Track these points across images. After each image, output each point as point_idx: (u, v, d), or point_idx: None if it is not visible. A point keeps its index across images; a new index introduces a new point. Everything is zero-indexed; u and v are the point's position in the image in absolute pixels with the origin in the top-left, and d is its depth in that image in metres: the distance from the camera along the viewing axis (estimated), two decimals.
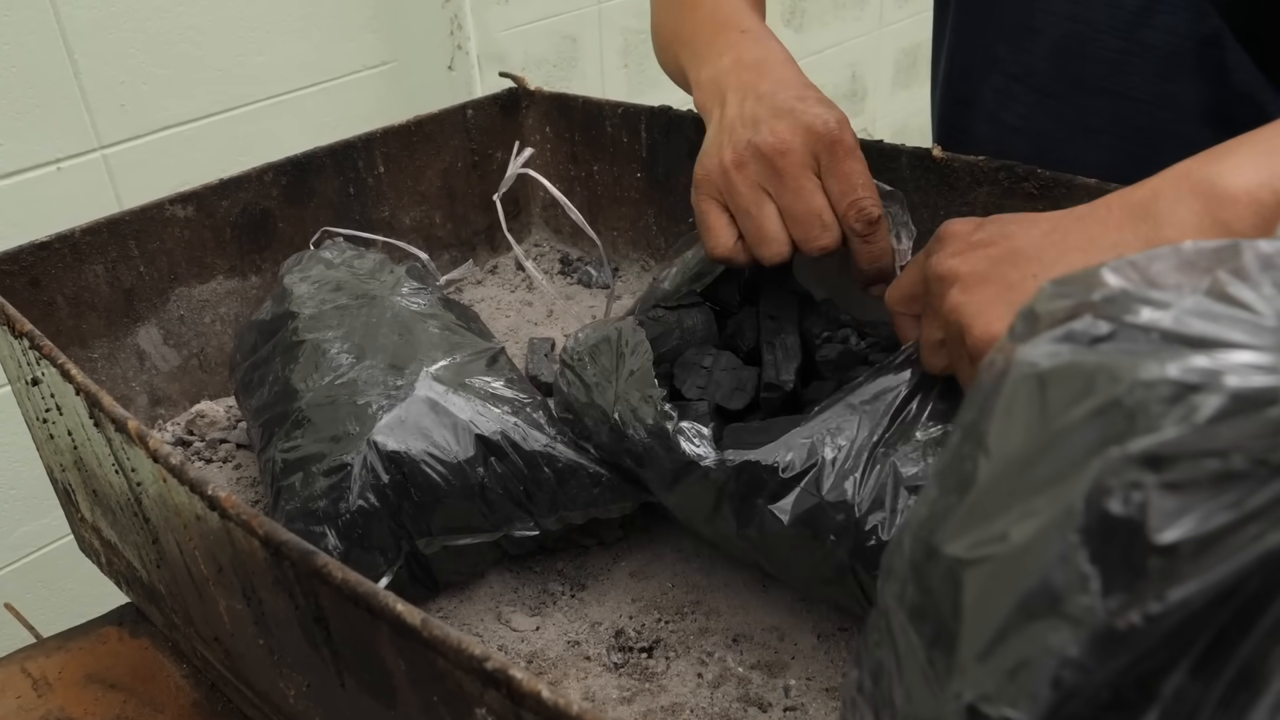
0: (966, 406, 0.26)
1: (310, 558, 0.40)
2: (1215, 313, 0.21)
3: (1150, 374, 0.20)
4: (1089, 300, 0.23)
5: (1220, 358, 0.20)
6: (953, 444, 0.26)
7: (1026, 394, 0.23)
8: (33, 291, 0.72)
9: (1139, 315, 0.22)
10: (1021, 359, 0.23)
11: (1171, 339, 0.21)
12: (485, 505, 0.61)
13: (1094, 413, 0.21)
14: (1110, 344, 0.22)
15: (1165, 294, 0.22)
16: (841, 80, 2.26)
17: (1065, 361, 0.22)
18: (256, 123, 1.31)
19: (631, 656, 0.61)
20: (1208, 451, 0.19)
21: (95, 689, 0.67)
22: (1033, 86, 0.77)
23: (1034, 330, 0.24)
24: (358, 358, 0.63)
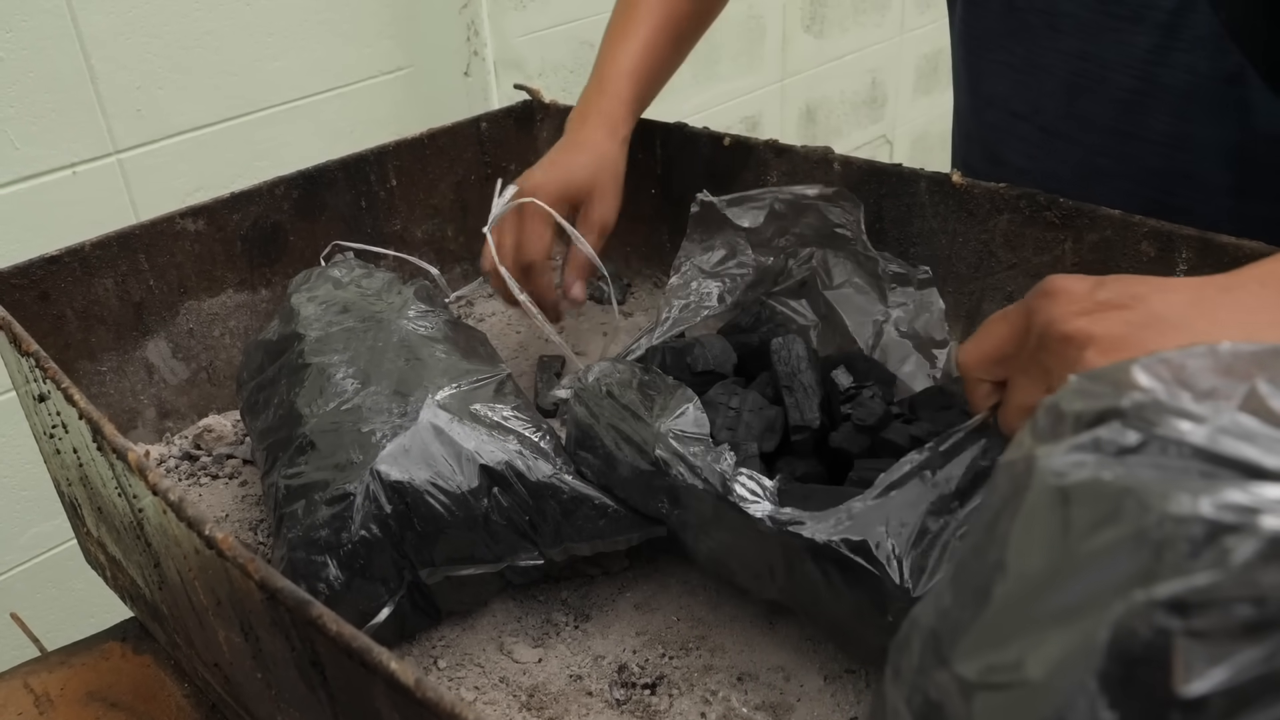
0: (985, 506, 0.25)
1: (305, 607, 0.39)
2: (1252, 432, 0.20)
3: (1181, 509, 0.19)
4: (1118, 405, 0.22)
5: (1257, 491, 0.19)
6: (970, 544, 0.25)
7: (1048, 508, 0.22)
8: (42, 305, 0.72)
9: (1171, 429, 0.21)
10: (1045, 467, 0.22)
11: (1204, 458, 0.20)
12: (489, 536, 0.60)
13: (1119, 542, 0.20)
14: (1139, 457, 0.21)
15: (1200, 406, 0.21)
16: (861, 87, 2.24)
17: (1090, 477, 0.21)
18: (272, 128, 1.30)
19: (634, 693, 0.60)
20: (1241, 598, 0.18)
21: (97, 707, 0.66)
22: (1039, 126, 0.76)
23: (1058, 431, 0.23)
24: (363, 383, 0.63)
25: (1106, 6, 0.69)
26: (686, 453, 0.57)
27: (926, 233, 0.76)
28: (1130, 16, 0.69)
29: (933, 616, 0.25)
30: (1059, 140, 0.75)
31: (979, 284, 0.75)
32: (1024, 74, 0.75)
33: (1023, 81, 0.76)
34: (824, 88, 2.14)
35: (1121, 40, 0.69)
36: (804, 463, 0.61)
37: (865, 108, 2.28)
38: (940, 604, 0.25)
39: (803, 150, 0.82)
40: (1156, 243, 0.65)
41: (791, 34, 2.02)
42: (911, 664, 0.25)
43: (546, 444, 0.62)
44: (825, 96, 2.16)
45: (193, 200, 1.23)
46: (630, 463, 0.60)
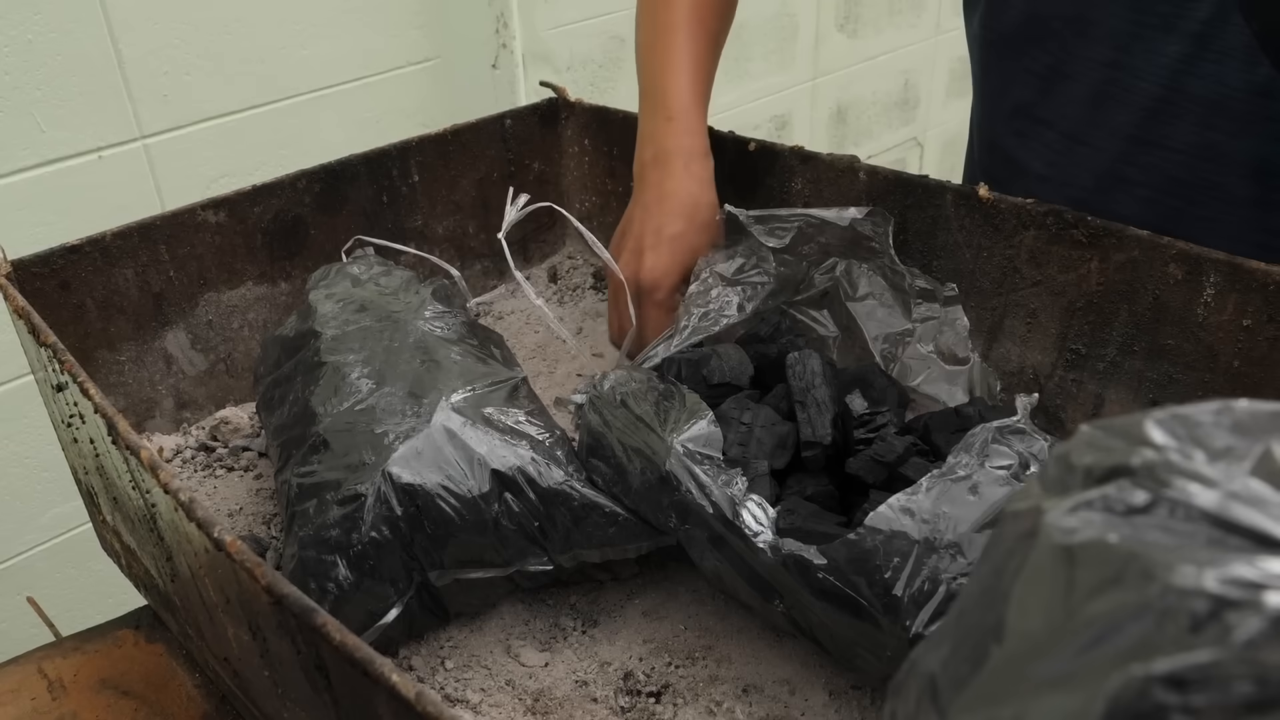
0: (989, 553, 0.25)
1: (310, 615, 0.39)
2: (1264, 499, 0.19)
3: (1185, 581, 0.18)
4: (1128, 463, 0.21)
5: (1264, 566, 0.18)
6: (972, 593, 0.25)
7: (1051, 567, 0.21)
8: (62, 294, 0.73)
9: (1181, 491, 0.20)
10: (1051, 523, 0.22)
11: (1213, 523, 0.19)
12: (499, 540, 0.60)
13: (1120, 610, 0.19)
14: (1147, 518, 0.20)
15: (1212, 467, 0.20)
16: (894, 88, 2.22)
17: (1095, 538, 0.21)
18: (298, 116, 1.31)
19: (639, 701, 0.60)
20: (1241, 676, 0.17)
21: (108, 695, 0.67)
22: (1062, 133, 0.75)
23: (1067, 483, 0.22)
24: (378, 384, 0.63)
25: (1137, 15, 0.68)
26: (697, 470, 0.57)
27: (950, 246, 0.76)
28: (1160, 25, 0.68)
29: (932, 663, 0.25)
30: (1082, 147, 0.74)
31: (1002, 300, 0.74)
32: (1048, 81, 0.74)
33: (1046, 88, 0.75)
34: (856, 88, 2.13)
35: (1150, 49, 0.68)
36: (815, 481, 0.60)
37: (897, 109, 2.26)
38: (940, 652, 0.25)
39: (828, 158, 0.81)
40: (1184, 265, 0.64)
41: (825, 33, 2.00)
42: (909, 711, 0.25)
43: (559, 450, 0.62)
44: (857, 97, 2.14)
45: (218, 186, 1.24)
46: (640, 474, 0.60)
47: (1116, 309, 0.68)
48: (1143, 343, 0.68)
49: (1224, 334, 0.64)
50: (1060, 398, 0.73)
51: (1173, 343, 0.66)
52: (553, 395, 0.86)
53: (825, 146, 2.14)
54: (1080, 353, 0.71)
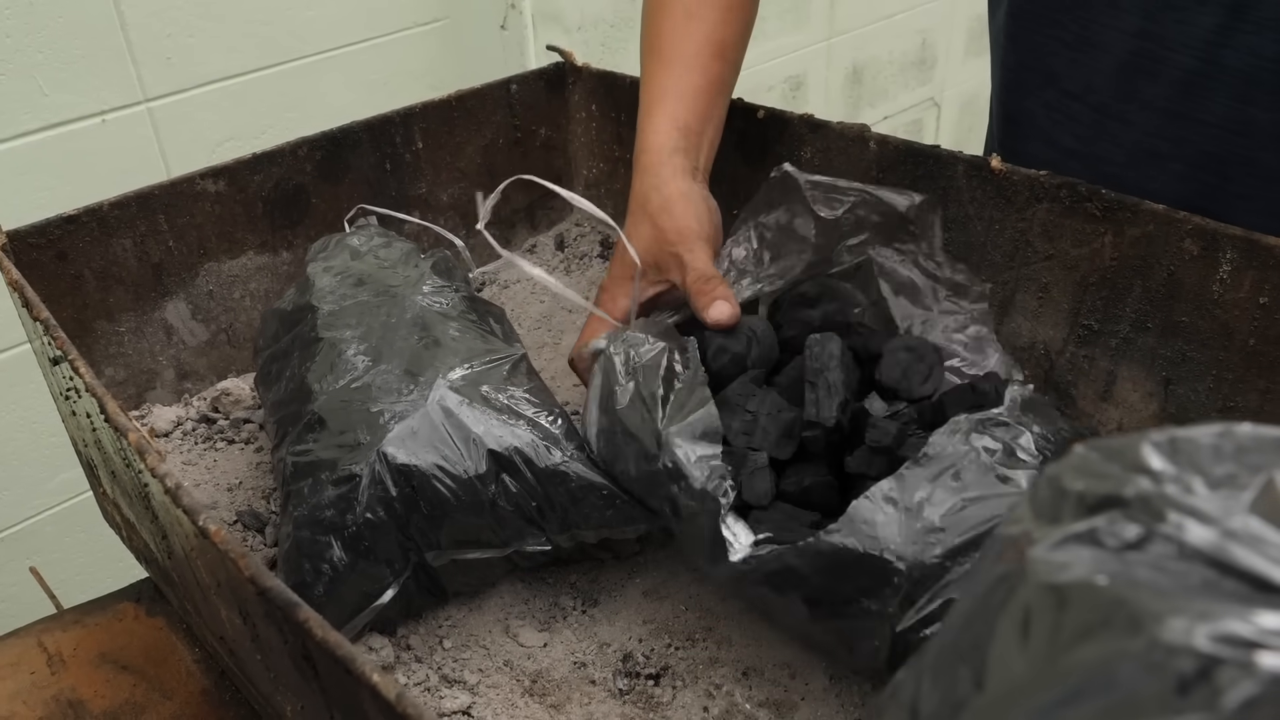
0: (976, 579, 0.23)
1: (294, 610, 0.39)
2: (1263, 539, 0.18)
3: (1174, 636, 0.17)
4: (1121, 493, 0.20)
5: (1260, 620, 0.17)
6: (955, 621, 0.24)
7: (1036, 607, 0.20)
8: (60, 265, 0.72)
9: (1176, 528, 0.19)
10: (1038, 558, 0.20)
11: (1210, 563, 0.18)
12: (496, 521, 0.59)
13: (1103, 663, 0.18)
14: (1139, 554, 0.19)
15: (1210, 500, 0.19)
16: (911, 47, 2.18)
17: (1083, 579, 0.19)
18: (304, 78, 1.29)
19: (638, 683, 0.60)
20: None
21: (107, 670, 0.67)
22: (1092, 106, 0.72)
23: (1058, 509, 0.21)
24: (374, 360, 0.62)
25: None
26: (687, 469, 0.56)
27: (961, 218, 0.74)
28: None
29: (914, 691, 0.24)
30: (1112, 121, 0.72)
31: (1013, 274, 0.73)
32: (1078, 51, 0.72)
33: (1076, 59, 0.72)
34: (872, 47, 2.08)
35: (1184, 19, 0.66)
36: (814, 470, 0.59)
37: (914, 69, 2.22)
38: (923, 683, 0.24)
39: (838, 126, 0.79)
40: (1200, 241, 0.62)
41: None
42: None
43: (557, 429, 0.61)
44: (873, 56, 2.10)
45: (223, 150, 1.23)
46: (635, 458, 0.59)
47: (1130, 285, 0.67)
48: (1157, 319, 0.66)
49: (1240, 311, 0.62)
50: (1072, 374, 0.72)
51: (1187, 320, 0.65)
52: (558, 366, 0.85)
53: (841, 107, 2.11)
54: (1093, 329, 0.69)
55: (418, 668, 0.61)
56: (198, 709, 0.65)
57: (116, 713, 0.64)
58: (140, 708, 0.65)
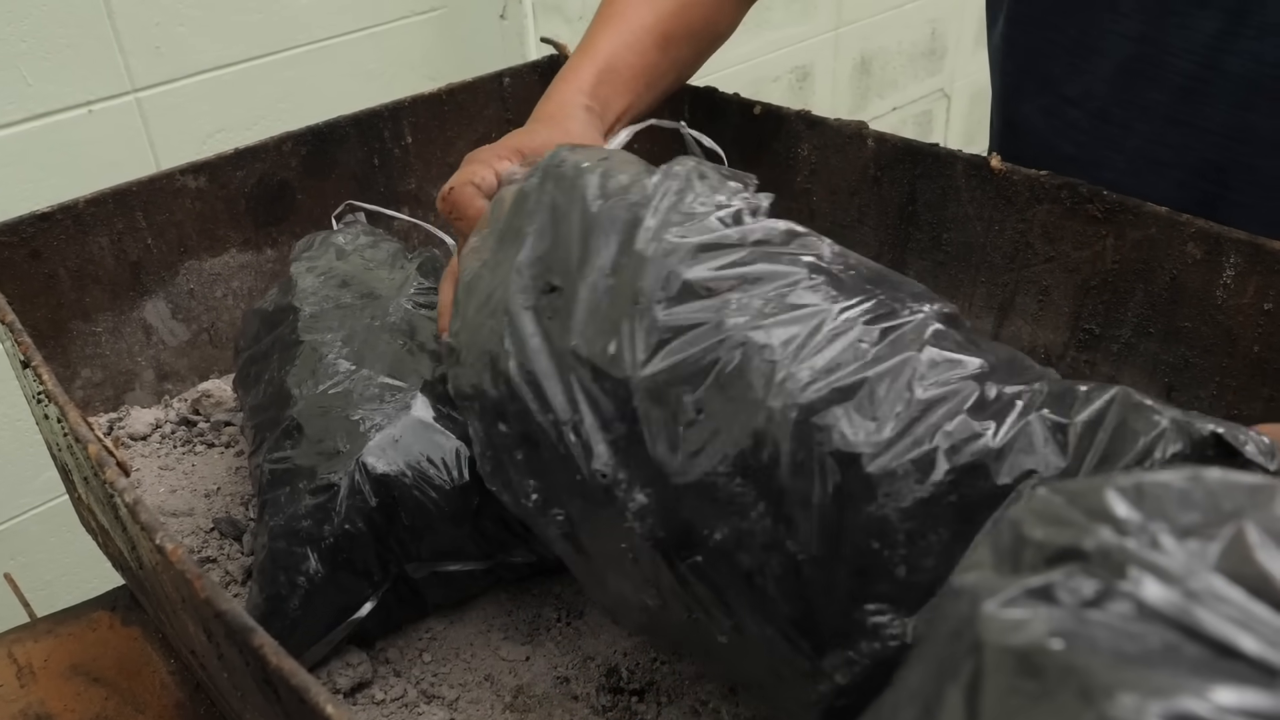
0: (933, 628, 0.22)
1: (249, 635, 0.37)
2: (1227, 600, 0.16)
3: (1123, 714, 0.16)
4: (1081, 546, 0.18)
5: (1216, 697, 0.15)
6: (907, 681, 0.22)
7: (987, 670, 0.18)
8: (33, 263, 0.70)
9: (1137, 586, 0.17)
10: (989, 616, 0.19)
11: (1171, 625, 0.16)
12: (478, 533, 0.58)
13: None
14: (1097, 613, 0.17)
15: (1174, 556, 0.17)
16: (920, 37, 2.15)
17: (1033, 642, 0.18)
18: (297, 69, 1.27)
19: (621, 699, 0.58)
20: None
21: (79, 682, 0.65)
22: (1091, 112, 0.70)
23: (1018, 558, 0.19)
24: (356, 365, 0.60)
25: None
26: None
27: (961, 218, 0.72)
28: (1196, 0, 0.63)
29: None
30: (1112, 127, 0.70)
31: (1013, 276, 0.71)
32: (1077, 56, 0.70)
33: (1075, 64, 0.70)
34: (881, 37, 2.06)
35: (1185, 24, 0.64)
36: None
37: (923, 59, 2.19)
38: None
39: (835, 123, 0.77)
40: (1203, 244, 0.60)
41: None
42: None
43: None
44: (881, 47, 2.07)
45: (213, 142, 1.21)
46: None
47: (1132, 288, 0.65)
48: (1159, 324, 0.64)
49: (1244, 317, 0.61)
50: (1073, 379, 0.69)
51: (1190, 325, 0.63)
52: None
53: (848, 99, 2.08)
54: (1094, 333, 0.67)
55: (396, 682, 0.59)
56: None
57: None
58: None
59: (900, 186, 0.74)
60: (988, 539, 0.21)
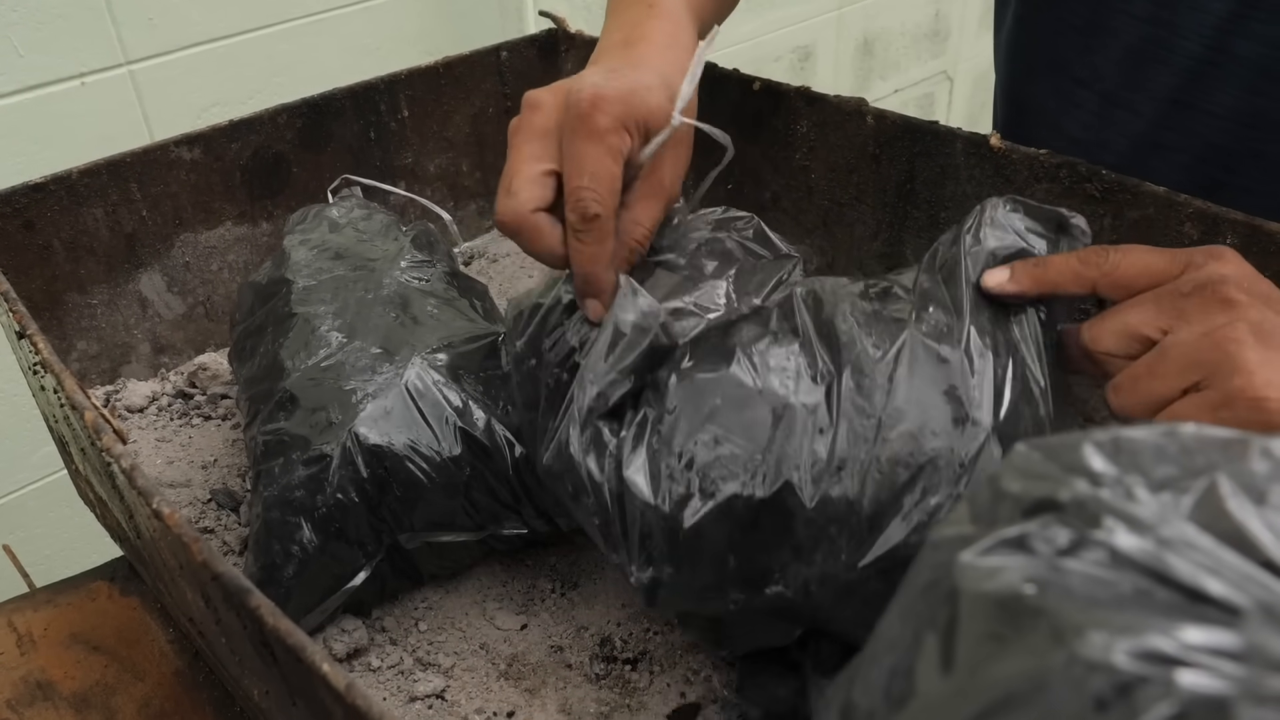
0: (911, 581, 0.22)
1: (246, 597, 0.37)
2: (1198, 547, 0.17)
3: (1093, 652, 0.16)
4: (1056, 497, 0.19)
5: (1183, 636, 0.16)
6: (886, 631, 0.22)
7: (962, 617, 0.19)
8: (27, 235, 0.70)
9: (1110, 535, 0.18)
10: (966, 564, 0.19)
11: (1142, 571, 0.17)
12: (470, 504, 0.58)
13: (1022, 678, 0.17)
14: (1071, 561, 0.18)
15: (1147, 506, 0.18)
16: (924, 18, 2.13)
17: (1007, 588, 0.18)
18: (293, 42, 1.26)
19: (615, 667, 0.59)
20: None
21: (78, 650, 0.66)
22: (1100, 94, 0.70)
23: (996, 512, 0.20)
24: (348, 337, 0.60)
25: None
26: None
27: (959, 197, 0.72)
28: None
29: (844, 699, 0.23)
30: (1119, 110, 0.70)
31: None
32: (1086, 36, 0.70)
33: (1085, 44, 0.70)
34: (884, 18, 2.04)
35: (1196, 5, 0.63)
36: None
37: (927, 41, 2.18)
38: (853, 693, 0.23)
39: (835, 100, 0.77)
40: (1200, 225, 0.60)
41: None
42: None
43: None
44: (885, 28, 2.06)
45: (208, 116, 1.20)
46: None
47: None
48: None
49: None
50: None
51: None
52: None
53: (850, 79, 2.07)
54: (1091, 313, 0.67)
55: (392, 650, 0.59)
56: (170, 690, 0.64)
57: (87, 694, 0.63)
58: (111, 689, 0.64)
59: (899, 164, 0.74)
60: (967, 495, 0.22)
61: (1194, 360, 0.41)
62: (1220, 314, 0.41)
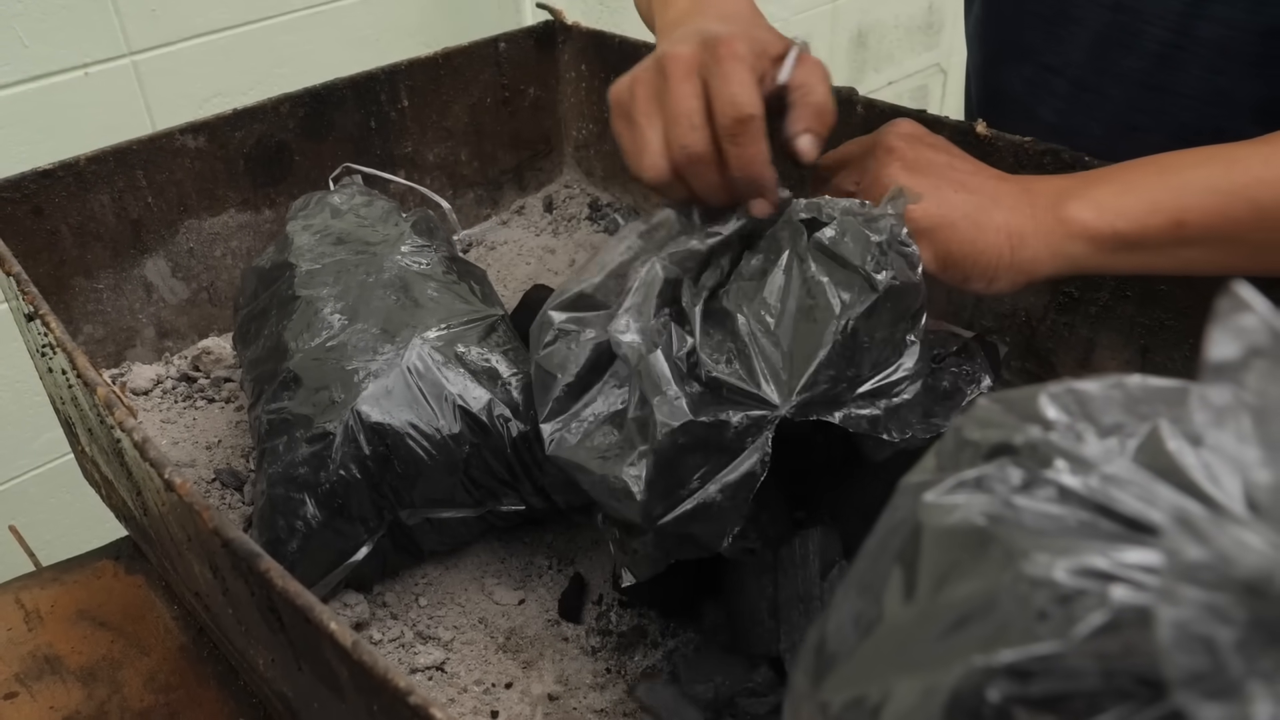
0: (883, 524, 0.24)
1: (255, 560, 0.39)
2: (1137, 483, 0.18)
3: (1036, 570, 0.18)
4: (1011, 441, 0.20)
5: (1118, 556, 0.17)
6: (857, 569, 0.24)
7: (924, 548, 0.21)
8: (35, 220, 0.71)
9: (1056, 472, 0.19)
10: (928, 503, 0.21)
11: (1087, 505, 0.19)
12: (469, 481, 0.59)
13: (976, 597, 0.19)
14: (1024, 499, 0.20)
15: (1094, 447, 0.19)
16: (917, 10, 2.15)
17: (963, 520, 0.20)
18: (294, 33, 1.27)
19: (610, 640, 0.60)
20: (1084, 669, 0.17)
21: (85, 626, 0.67)
22: (1070, 80, 0.72)
23: (959, 459, 0.22)
24: (351, 319, 0.62)
25: None
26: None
27: None
28: None
29: (819, 633, 0.25)
30: (1089, 94, 0.71)
31: None
32: (1055, 25, 0.71)
33: (1054, 33, 0.72)
34: (878, 11, 2.06)
35: None
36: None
37: (920, 33, 2.19)
38: (827, 627, 0.24)
39: None
40: None
41: None
42: (801, 666, 0.25)
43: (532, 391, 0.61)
44: (879, 20, 2.07)
45: (210, 106, 1.22)
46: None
47: None
48: (1135, 288, 0.66)
49: (1216, 280, 0.62)
50: (1052, 341, 0.71)
51: (1165, 288, 0.65)
52: None
53: (845, 72, 2.08)
54: (1073, 296, 0.69)
55: (393, 624, 0.61)
56: (175, 664, 0.65)
57: (93, 668, 0.65)
58: (117, 663, 0.65)
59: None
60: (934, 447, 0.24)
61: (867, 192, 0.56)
62: (885, 159, 0.56)
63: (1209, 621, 0.15)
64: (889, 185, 0.53)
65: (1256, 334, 0.17)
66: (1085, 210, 0.52)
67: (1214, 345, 0.18)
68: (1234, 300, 0.18)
